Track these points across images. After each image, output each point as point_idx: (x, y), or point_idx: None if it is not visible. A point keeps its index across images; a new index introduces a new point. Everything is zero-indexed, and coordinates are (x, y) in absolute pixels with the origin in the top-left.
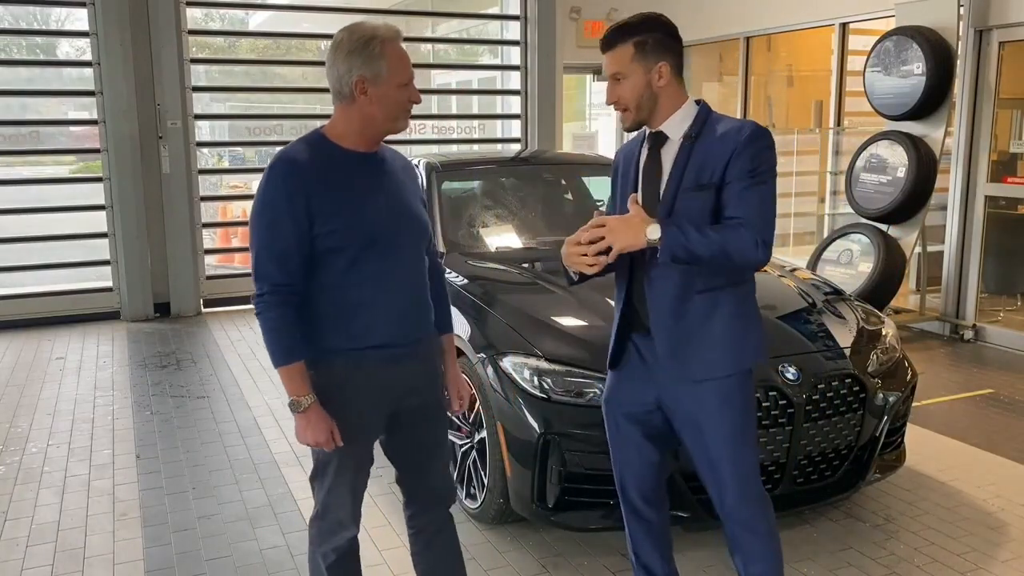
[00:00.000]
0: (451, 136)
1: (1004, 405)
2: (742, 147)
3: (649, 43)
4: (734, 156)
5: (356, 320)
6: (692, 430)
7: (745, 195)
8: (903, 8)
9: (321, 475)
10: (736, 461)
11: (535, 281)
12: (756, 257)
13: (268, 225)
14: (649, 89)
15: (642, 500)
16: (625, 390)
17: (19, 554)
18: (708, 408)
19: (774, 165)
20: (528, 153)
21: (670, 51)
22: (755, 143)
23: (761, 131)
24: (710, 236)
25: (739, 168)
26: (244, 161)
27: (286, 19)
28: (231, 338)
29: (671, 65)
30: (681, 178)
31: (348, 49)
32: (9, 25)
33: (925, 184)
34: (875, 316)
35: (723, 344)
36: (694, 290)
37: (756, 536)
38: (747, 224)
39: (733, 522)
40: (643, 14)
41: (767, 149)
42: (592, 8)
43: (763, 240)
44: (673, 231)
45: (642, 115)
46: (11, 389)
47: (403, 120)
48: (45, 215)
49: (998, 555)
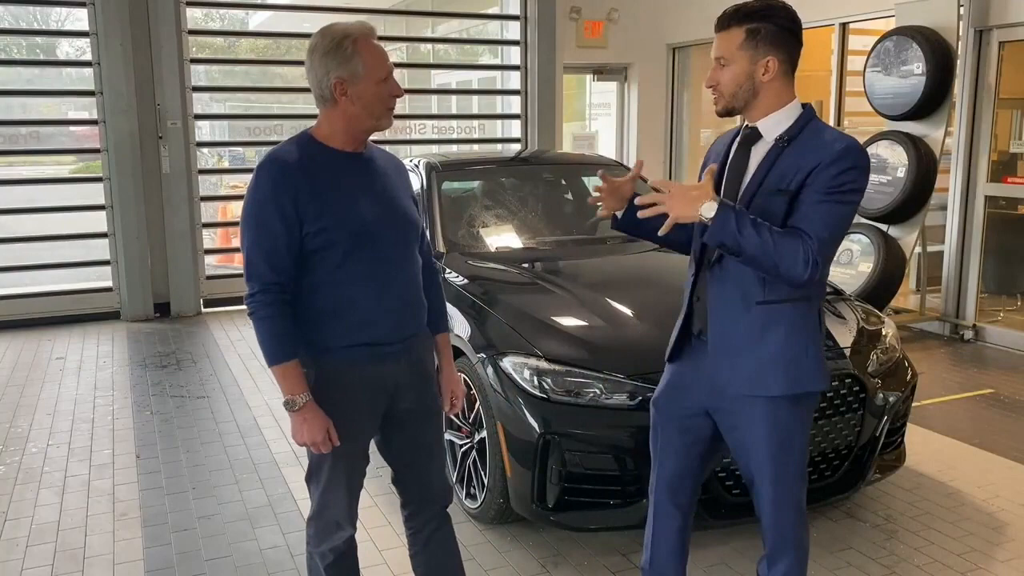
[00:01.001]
0: (451, 136)
1: (1004, 405)
2: (829, 161)
3: (762, 32)
4: (819, 167)
5: (346, 318)
6: (736, 442)
7: (815, 208)
8: (903, 8)
9: (316, 474)
10: (776, 483)
11: (535, 281)
12: (802, 273)
13: (258, 225)
14: (751, 81)
15: (674, 506)
16: (675, 394)
17: (19, 554)
18: (753, 425)
19: (859, 189)
20: (528, 153)
21: (784, 46)
22: (845, 160)
23: (856, 150)
24: (764, 236)
25: (820, 180)
26: (244, 161)
27: (286, 19)
28: (231, 338)
29: (780, 61)
30: (764, 179)
31: (323, 51)
32: (9, 25)
33: (925, 184)
34: (875, 316)
35: (776, 361)
36: (754, 299)
37: (784, 558)
38: (805, 238)
39: (766, 537)
40: (766, 1)
41: (856, 170)
42: (592, 8)
43: (815, 259)
44: (728, 215)
45: (736, 104)
46: (11, 389)
47: (387, 117)
48: (45, 215)
49: (998, 555)
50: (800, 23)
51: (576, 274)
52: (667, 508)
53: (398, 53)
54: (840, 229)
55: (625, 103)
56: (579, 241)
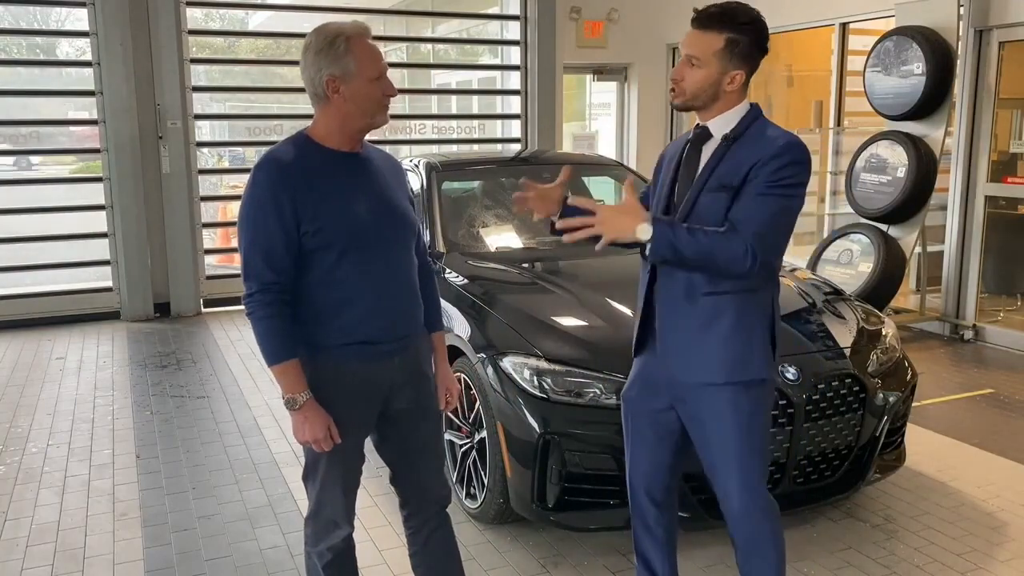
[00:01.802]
0: (451, 136)
1: (1004, 405)
2: (769, 156)
3: (740, 46)
4: (759, 163)
5: (342, 317)
6: (698, 432)
7: (755, 201)
8: (903, 8)
9: (312, 473)
10: (742, 468)
11: (535, 281)
12: (744, 267)
13: (256, 225)
14: (715, 88)
15: (649, 500)
16: (641, 387)
17: (19, 554)
18: (713, 413)
19: (799, 184)
20: (528, 153)
21: (753, 61)
22: (784, 155)
23: (796, 146)
24: (702, 241)
25: (760, 175)
26: (244, 161)
27: (286, 19)
28: (231, 338)
29: (746, 74)
30: (709, 177)
31: (316, 50)
32: (9, 25)
33: (925, 184)
34: (875, 316)
35: (723, 350)
36: (700, 291)
37: (760, 543)
38: (743, 231)
39: (737, 528)
40: (750, 11)
41: (795, 164)
42: (592, 8)
43: (755, 250)
44: (664, 231)
45: (694, 104)
46: (11, 389)
47: (380, 115)
48: (45, 215)
49: (998, 555)
50: (769, 37)
51: (576, 274)
52: (642, 500)
53: (398, 53)
54: (780, 221)
55: (625, 103)
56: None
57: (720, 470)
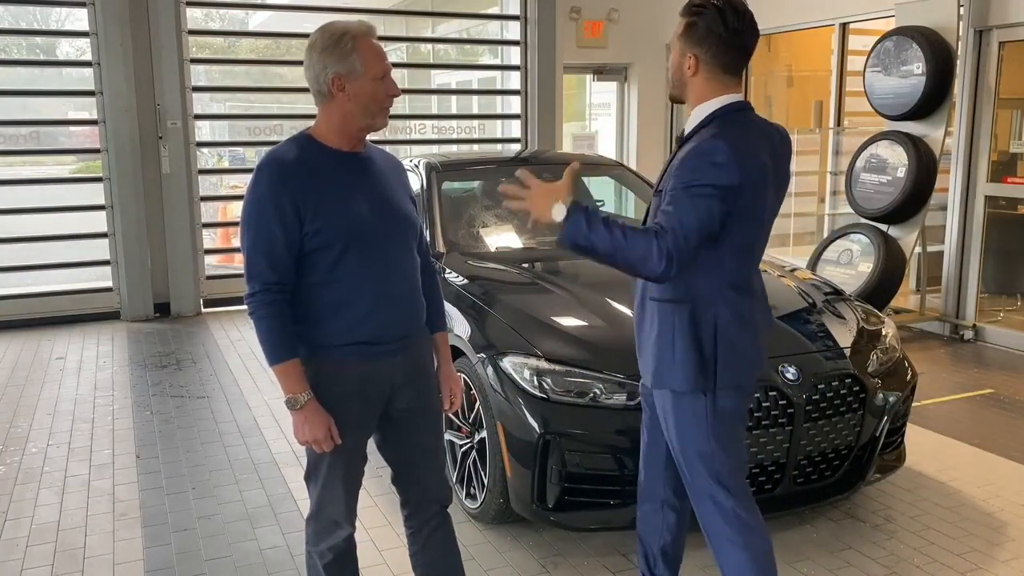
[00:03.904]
0: (451, 136)
1: (1004, 405)
2: (685, 156)
3: (697, 28)
4: (679, 164)
5: (344, 317)
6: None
7: (671, 200)
8: (903, 8)
9: (314, 473)
10: (691, 471)
11: (535, 281)
12: (656, 269)
13: (258, 225)
14: (680, 72)
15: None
16: None
17: (19, 554)
18: (663, 413)
19: (714, 184)
20: (528, 153)
21: (710, 44)
22: (697, 157)
23: (710, 147)
24: (616, 235)
25: (676, 177)
26: (244, 161)
27: (286, 19)
28: (231, 338)
29: (703, 61)
30: (661, 179)
31: (321, 48)
32: (9, 25)
33: (925, 184)
34: (875, 316)
35: (652, 355)
36: (648, 295)
37: (720, 551)
38: (661, 232)
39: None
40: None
41: (708, 166)
42: (592, 8)
43: (670, 251)
44: (579, 218)
45: (675, 92)
46: (11, 389)
47: (381, 117)
48: (45, 215)
49: (998, 555)
50: (741, 29)
51: (576, 274)
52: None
53: (398, 53)
54: (695, 221)
55: (625, 103)
56: None
57: (676, 464)
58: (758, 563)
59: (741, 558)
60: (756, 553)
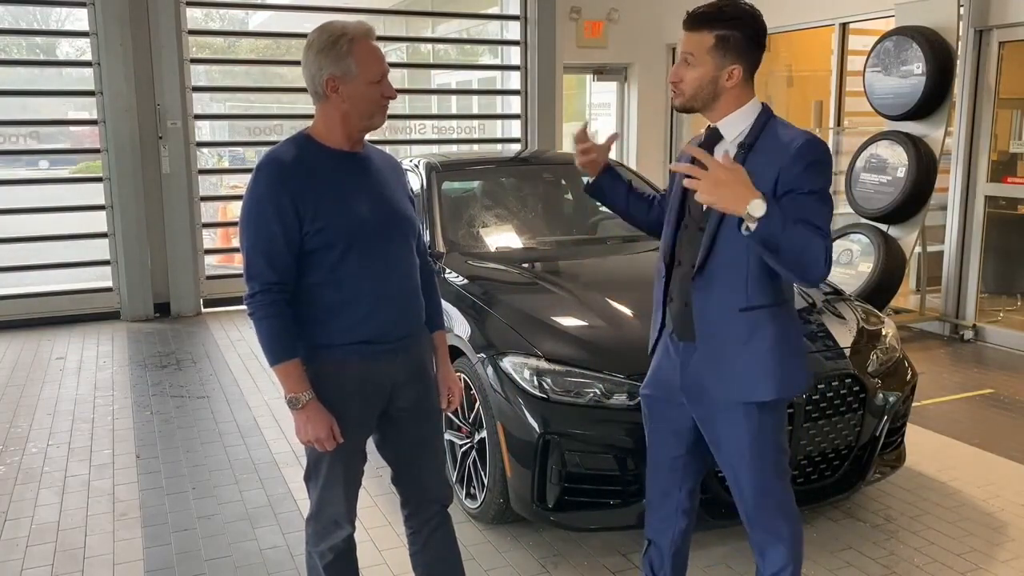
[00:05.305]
0: (451, 136)
1: (1004, 405)
2: (790, 161)
3: (731, 41)
4: (783, 170)
5: (343, 316)
6: (713, 438)
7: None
8: (903, 8)
9: (314, 473)
10: (755, 471)
11: (535, 281)
12: (823, 271)
13: (258, 225)
14: (713, 85)
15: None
16: (655, 386)
17: (19, 554)
18: (733, 427)
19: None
20: (528, 153)
21: (750, 55)
22: (805, 156)
23: (813, 144)
24: (800, 235)
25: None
26: (244, 161)
27: (286, 19)
28: (231, 338)
29: (744, 69)
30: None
31: (318, 48)
32: (9, 25)
33: (925, 184)
34: (875, 316)
35: (763, 367)
36: (738, 306)
37: (776, 542)
38: (821, 235)
39: (753, 528)
40: (739, 7)
41: (818, 164)
42: (592, 8)
43: (828, 255)
44: (775, 213)
45: (695, 104)
46: (11, 389)
47: (379, 117)
48: (45, 215)
49: (998, 555)
50: (766, 31)
51: (576, 274)
52: (650, 494)
53: (398, 53)
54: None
55: (625, 103)
56: (579, 241)
57: (734, 473)
58: (798, 547)
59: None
60: (798, 539)
